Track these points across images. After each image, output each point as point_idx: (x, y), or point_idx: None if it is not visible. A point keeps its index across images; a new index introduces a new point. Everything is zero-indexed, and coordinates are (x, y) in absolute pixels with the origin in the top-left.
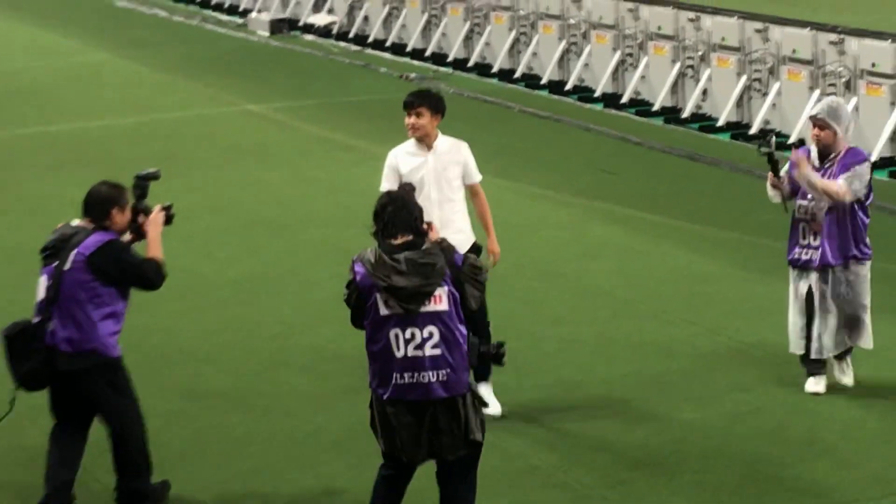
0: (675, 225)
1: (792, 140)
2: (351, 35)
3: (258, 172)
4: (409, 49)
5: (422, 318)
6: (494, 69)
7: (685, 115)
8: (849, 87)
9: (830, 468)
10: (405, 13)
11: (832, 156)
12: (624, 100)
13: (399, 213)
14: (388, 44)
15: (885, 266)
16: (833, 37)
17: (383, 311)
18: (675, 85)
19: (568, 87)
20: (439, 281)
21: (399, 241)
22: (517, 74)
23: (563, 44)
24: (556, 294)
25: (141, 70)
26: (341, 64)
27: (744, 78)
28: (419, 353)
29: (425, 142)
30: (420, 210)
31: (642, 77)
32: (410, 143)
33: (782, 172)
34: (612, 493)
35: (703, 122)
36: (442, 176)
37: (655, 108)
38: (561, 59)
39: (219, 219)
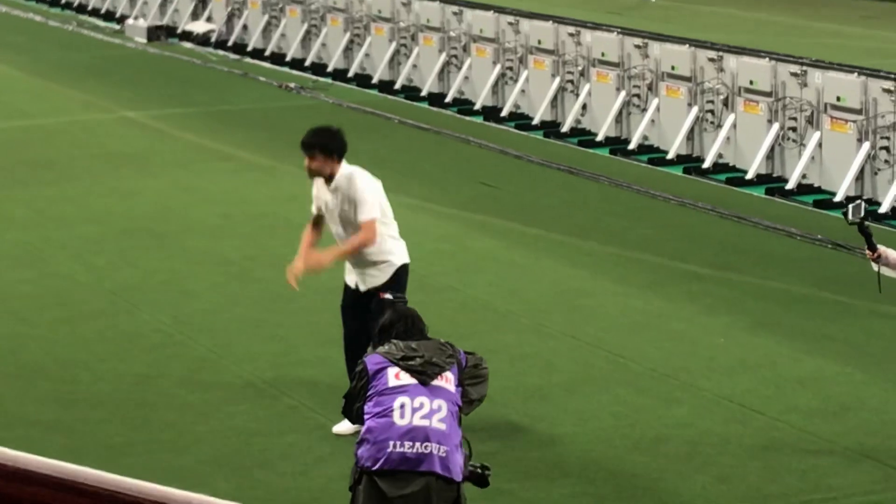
0: (555, 239)
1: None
2: (230, 44)
3: (136, 181)
4: (288, 59)
5: (433, 389)
6: (374, 80)
7: (565, 129)
8: (727, 104)
9: (709, 482)
10: (285, 22)
11: None
12: (504, 113)
13: (409, 330)
14: (267, 53)
15: (761, 283)
16: (712, 54)
17: (392, 382)
18: (554, 99)
19: (448, 99)
20: (451, 362)
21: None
22: (397, 86)
23: (443, 56)
24: (436, 307)
25: (15, 75)
26: (220, 72)
27: (623, 93)
28: (426, 422)
29: (325, 179)
30: (424, 324)
31: (522, 91)
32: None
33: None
34: None
35: (582, 136)
36: (340, 214)
37: (535, 121)
38: (441, 71)
39: (96, 227)
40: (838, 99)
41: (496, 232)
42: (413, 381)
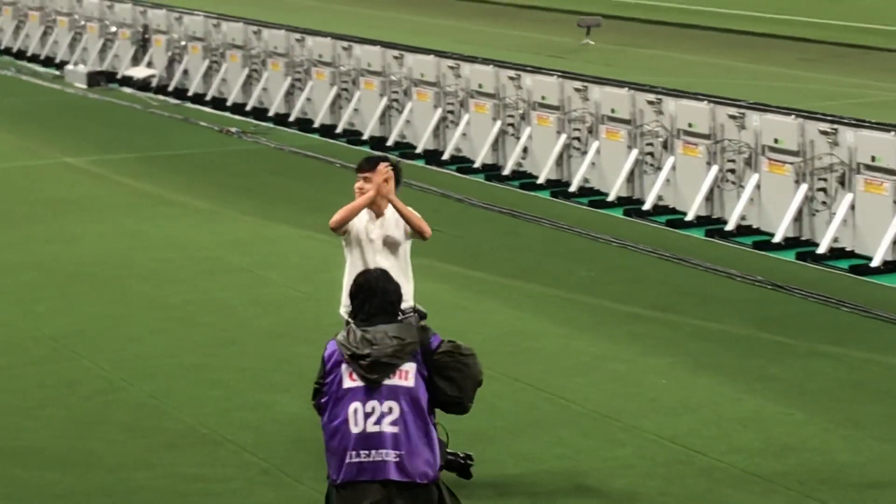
0: (497, 281)
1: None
2: (170, 89)
3: (77, 226)
4: (229, 103)
5: (384, 390)
6: (316, 124)
7: (506, 172)
8: (666, 146)
9: None
10: (225, 67)
11: None
12: (445, 157)
13: (370, 300)
14: (208, 98)
15: (702, 324)
16: (651, 97)
17: (346, 383)
18: (495, 142)
19: (389, 143)
20: (407, 355)
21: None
22: (339, 130)
23: (384, 100)
24: None
25: None
26: (161, 117)
27: (563, 137)
28: (377, 428)
29: (374, 207)
30: (398, 293)
31: (463, 134)
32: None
33: None
34: None
35: (523, 179)
36: (387, 243)
37: (476, 165)
38: (382, 115)
39: (37, 273)
40: (776, 141)
41: (439, 275)
42: (363, 382)
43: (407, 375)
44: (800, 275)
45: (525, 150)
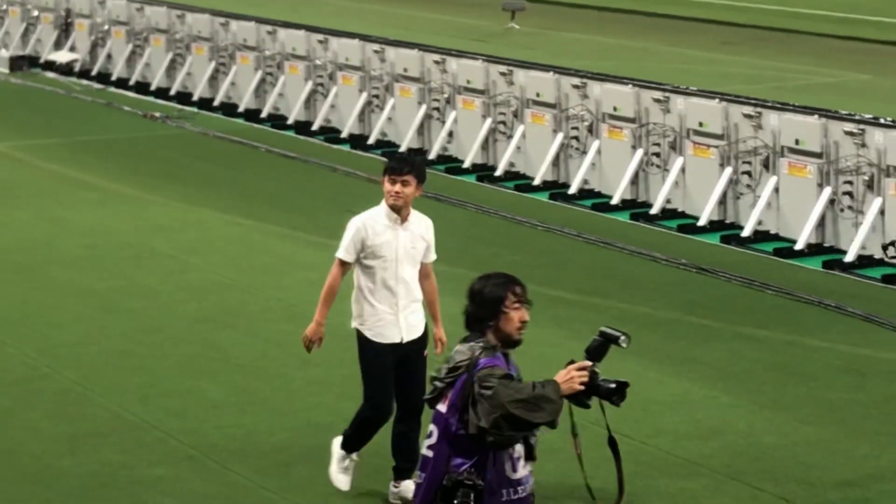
0: None
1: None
2: (94, 73)
3: (0, 212)
4: (153, 88)
5: (434, 413)
6: (240, 109)
7: (432, 156)
8: (592, 130)
9: None
10: (149, 52)
11: None
12: (371, 141)
13: (466, 310)
14: (131, 82)
15: (627, 307)
16: (576, 81)
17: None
18: (421, 127)
19: (314, 127)
20: (450, 381)
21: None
22: (263, 114)
23: (309, 84)
24: None
25: None
26: (84, 102)
27: (489, 121)
28: (423, 450)
29: (400, 213)
30: (480, 301)
31: (389, 118)
32: (379, 212)
33: None
34: None
35: (449, 163)
36: (411, 254)
37: (402, 149)
38: (307, 99)
39: None
40: (701, 125)
41: None
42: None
43: (446, 401)
44: (724, 258)
45: (451, 134)
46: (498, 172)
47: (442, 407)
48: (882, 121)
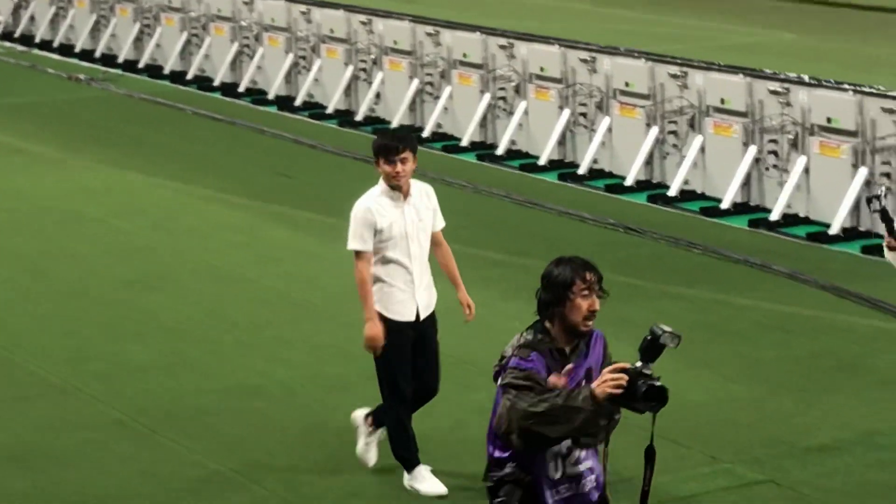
0: None
1: None
2: (17, 35)
3: None
4: (77, 50)
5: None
6: (166, 71)
7: (359, 118)
8: (518, 91)
9: None
10: (73, 14)
11: None
12: (297, 102)
13: (544, 295)
14: (55, 44)
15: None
16: (503, 41)
17: None
18: (348, 88)
19: (241, 89)
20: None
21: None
22: (189, 76)
23: (235, 46)
24: (232, 298)
25: None
26: (7, 64)
27: (416, 81)
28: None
29: (402, 190)
30: (545, 286)
31: (316, 80)
32: (380, 193)
33: None
34: (293, 496)
35: (376, 125)
36: (420, 228)
37: (329, 110)
38: (234, 61)
39: None
40: (627, 84)
41: (291, 222)
42: None
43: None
44: (651, 217)
45: (378, 95)
46: (425, 134)
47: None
48: (806, 79)
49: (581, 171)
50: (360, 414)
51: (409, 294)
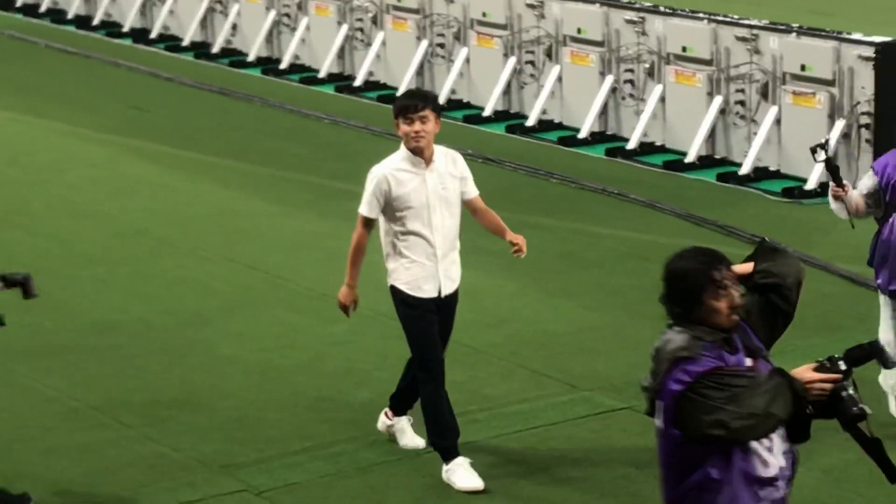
0: (209, 161)
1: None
2: None
3: None
4: None
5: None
6: (18, 3)
7: (216, 50)
8: (376, 22)
9: (368, 397)
10: None
11: None
12: (153, 35)
13: (674, 304)
14: None
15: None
16: None
17: None
18: (204, 20)
19: (95, 22)
20: (657, 389)
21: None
22: (42, 9)
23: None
24: (89, 233)
25: None
26: None
27: (273, 13)
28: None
29: (423, 155)
30: (693, 306)
31: (171, 12)
32: (400, 158)
33: (859, 185)
34: (153, 430)
35: (233, 57)
36: (443, 197)
37: (185, 43)
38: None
39: None
40: (484, 14)
41: (149, 156)
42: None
43: (661, 414)
44: (510, 147)
45: (234, 27)
46: (283, 66)
47: (658, 421)
48: (662, 8)
49: (439, 101)
50: (382, 421)
51: (432, 269)
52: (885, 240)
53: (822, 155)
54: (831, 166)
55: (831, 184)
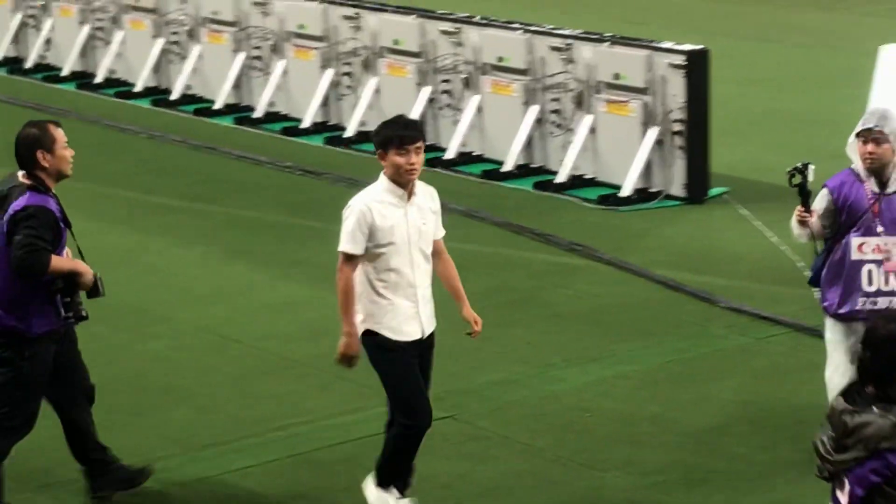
0: None
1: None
2: None
3: None
4: None
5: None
6: None
7: (29, 65)
8: (192, 35)
9: (189, 414)
10: None
11: (891, 176)
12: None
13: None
14: None
15: (234, 211)
16: None
17: None
18: (17, 35)
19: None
20: (849, 456)
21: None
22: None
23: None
24: None
25: None
26: None
27: (87, 27)
28: None
29: (408, 188)
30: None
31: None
32: (382, 189)
33: (814, 206)
34: None
35: (47, 72)
36: (423, 233)
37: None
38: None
39: None
40: (301, 27)
41: None
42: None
43: (844, 489)
44: (328, 159)
45: (48, 41)
46: (98, 80)
47: (842, 496)
48: (477, 19)
49: (257, 114)
50: (372, 494)
51: (414, 310)
52: (836, 260)
53: (798, 178)
54: (804, 191)
55: (799, 208)
